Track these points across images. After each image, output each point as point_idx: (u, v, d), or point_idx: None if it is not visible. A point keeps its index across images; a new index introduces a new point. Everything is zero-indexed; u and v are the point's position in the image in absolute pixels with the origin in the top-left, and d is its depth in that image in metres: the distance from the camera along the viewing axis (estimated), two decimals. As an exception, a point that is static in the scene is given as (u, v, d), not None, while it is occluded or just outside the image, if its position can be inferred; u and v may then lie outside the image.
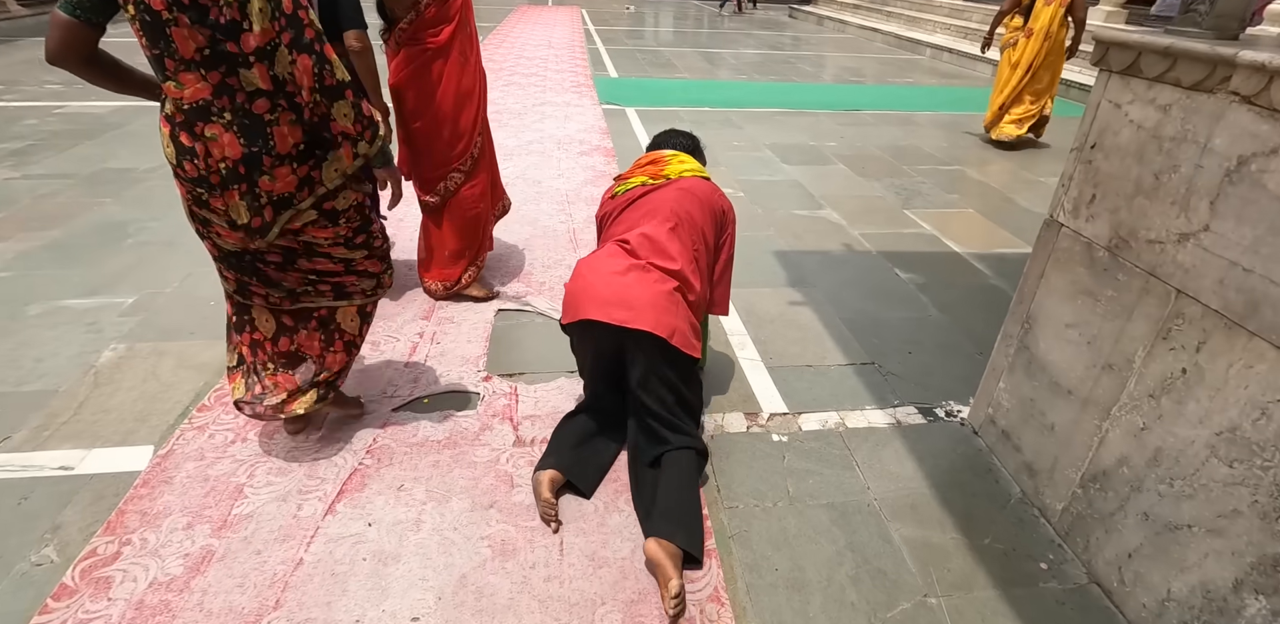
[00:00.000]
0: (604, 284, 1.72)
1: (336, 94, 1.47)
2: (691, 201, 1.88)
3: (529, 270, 3.00)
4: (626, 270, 1.73)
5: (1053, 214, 1.80)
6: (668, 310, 1.69)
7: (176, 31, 1.30)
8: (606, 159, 4.68)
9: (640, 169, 2.01)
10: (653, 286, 1.71)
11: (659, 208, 1.85)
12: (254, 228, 1.48)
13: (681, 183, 1.92)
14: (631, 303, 1.67)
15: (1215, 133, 1.35)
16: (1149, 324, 1.54)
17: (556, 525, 1.65)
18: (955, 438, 2.12)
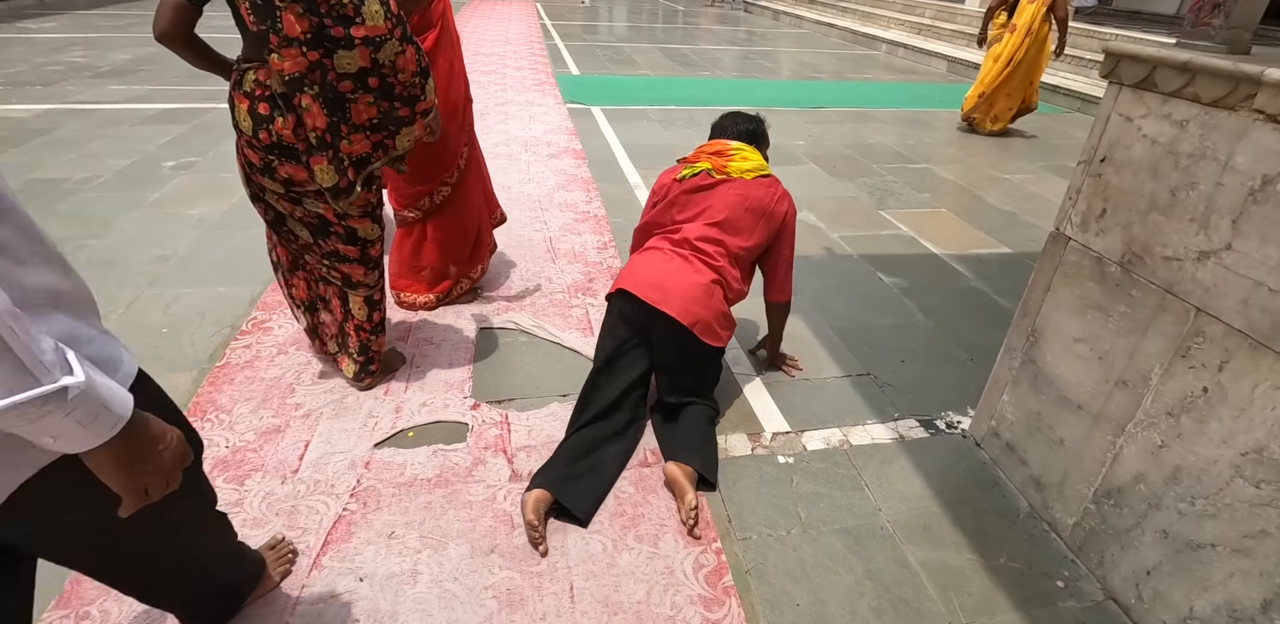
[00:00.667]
0: (649, 266, 1.91)
1: (428, 74, 1.74)
2: (746, 209, 1.96)
3: (508, 285, 2.87)
4: (671, 258, 1.92)
5: (1059, 227, 1.77)
6: (697, 300, 1.84)
7: (285, 15, 1.49)
8: (577, 162, 4.55)
9: (705, 156, 2.04)
10: (690, 277, 1.87)
11: (715, 210, 1.96)
12: (341, 188, 1.68)
13: (740, 186, 1.98)
14: (666, 287, 1.84)
15: (1237, 151, 1.32)
16: (1166, 341, 1.51)
17: (544, 549, 1.61)
18: (958, 451, 2.09)
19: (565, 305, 2.70)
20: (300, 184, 1.69)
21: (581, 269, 3.02)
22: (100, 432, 0.70)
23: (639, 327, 1.88)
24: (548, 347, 2.42)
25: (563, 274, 2.96)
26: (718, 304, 1.88)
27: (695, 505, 1.66)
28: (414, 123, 1.74)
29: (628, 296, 1.86)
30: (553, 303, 2.72)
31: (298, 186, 1.70)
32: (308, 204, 1.77)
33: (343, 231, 1.82)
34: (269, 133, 1.61)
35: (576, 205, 3.77)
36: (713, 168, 1.99)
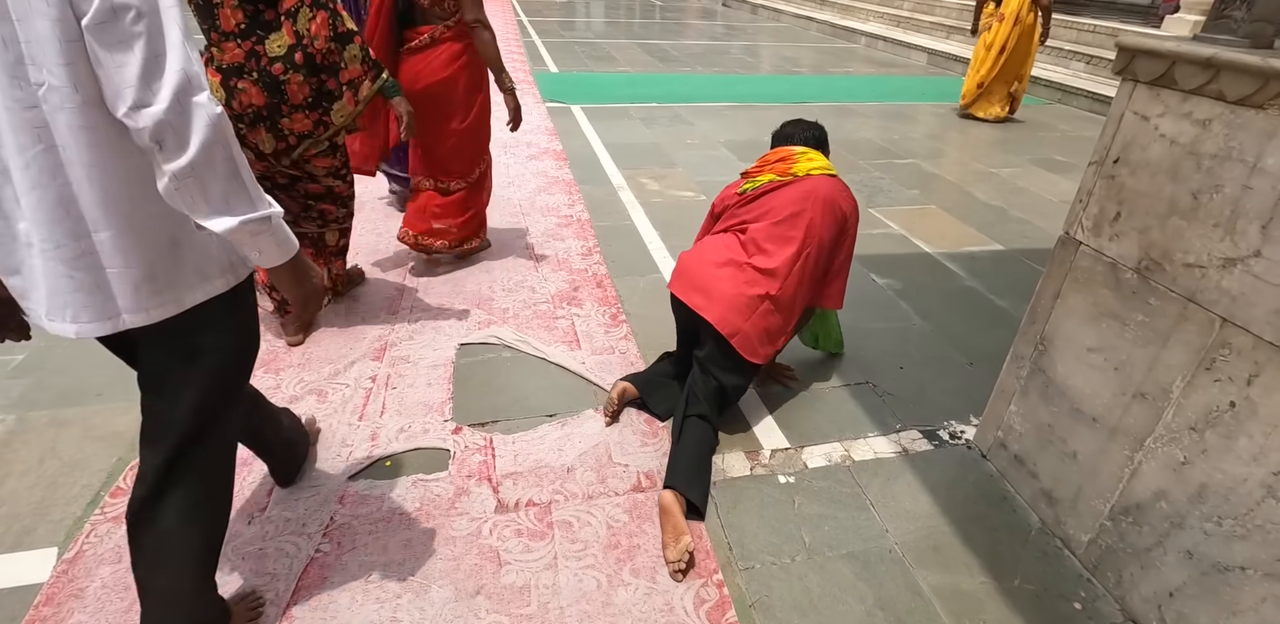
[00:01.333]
0: (699, 269, 1.93)
1: (347, 39, 1.93)
2: (814, 202, 1.90)
3: (488, 295, 2.74)
4: (724, 264, 1.89)
5: (1069, 231, 1.68)
6: (740, 312, 1.84)
7: (222, 12, 1.76)
8: (558, 163, 4.41)
9: (769, 166, 2.04)
10: (738, 286, 1.85)
11: (780, 207, 1.91)
12: (278, 151, 1.99)
13: (807, 182, 1.95)
14: (710, 293, 1.86)
15: (1267, 152, 1.23)
16: (1189, 353, 1.43)
17: (610, 420, 1.98)
18: (964, 464, 2.01)
19: (550, 317, 2.58)
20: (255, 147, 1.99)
21: (566, 277, 2.90)
22: (287, 252, 0.99)
23: (688, 326, 2.00)
24: (533, 363, 2.30)
25: (546, 283, 2.84)
26: (761, 318, 1.85)
27: (690, 549, 1.55)
28: (342, 96, 1.99)
29: (677, 299, 1.94)
30: (536, 314, 2.60)
31: None
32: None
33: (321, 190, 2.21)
34: (230, 107, 1.88)
35: (559, 209, 3.64)
36: (777, 174, 1.99)
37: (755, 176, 2.03)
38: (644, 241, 3.31)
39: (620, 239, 3.33)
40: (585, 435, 1.94)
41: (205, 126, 0.86)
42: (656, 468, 1.85)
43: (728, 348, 1.84)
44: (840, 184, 2.01)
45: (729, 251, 1.91)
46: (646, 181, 4.16)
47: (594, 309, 2.65)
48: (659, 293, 2.82)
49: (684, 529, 1.59)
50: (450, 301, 2.66)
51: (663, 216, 3.64)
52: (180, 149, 0.85)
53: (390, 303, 2.63)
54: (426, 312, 2.57)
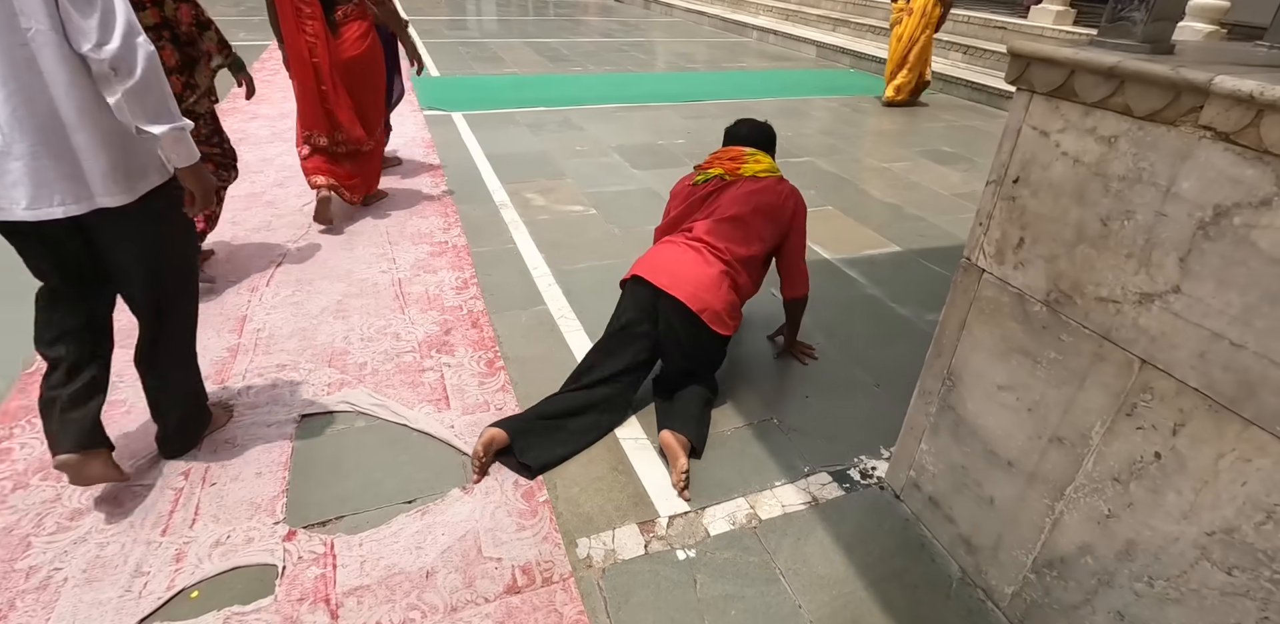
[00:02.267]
0: (662, 256, 2.05)
1: (206, 27, 2.36)
2: (755, 202, 2.08)
3: (343, 348, 2.34)
4: (684, 250, 2.03)
5: (970, 256, 1.51)
6: (706, 288, 1.95)
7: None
8: (434, 180, 4.01)
9: (720, 162, 2.18)
10: (700, 267, 1.98)
11: (727, 206, 2.08)
12: None
13: (750, 183, 2.12)
14: (678, 273, 1.97)
15: (1181, 174, 1.07)
16: (1107, 396, 1.28)
17: (479, 477, 1.78)
18: (878, 508, 1.83)
19: (415, 370, 2.23)
20: None
21: (437, 318, 2.55)
22: (193, 157, 1.42)
23: (649, 311, 1.98)
24: (392, 432, 1.96)
25: (413, 327, 2.48)
26: (726, 294, 1.99)
27: (686, 469, 1.79)
28: (199, 60, 2.35)
29: (641, 281, 2.00)
30: (400, 367, 2.24)
31: None
32: None
33: None
34: None
35: (432, 234, 3.26)
36: (725, 172, 2.14)
37: (706, 169, 2.18)
38: (527, 268, 2.99)
39: (501, 266, 3.00)
40: (450, 524, 1.63)
41: (145, 58, 1.28)
42: (535, 557, 1.57)
43: (696, 326, 1.94)
44: (785, 184, 2.17)
45: (685, 242, 2.06)
46: (532, 196, 3.84)
47: (468, 356, 2.32)
48: (542, 329, 2.53)
49: (680, 454, 1.81)
50: (295, 359, 2.25)
51: (548, 236, 3.34)
52: (129, 74, 1.26)
53: (219, 368, 2.20)
54: (263, 375, 2.16)
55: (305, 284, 2.72)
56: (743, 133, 2.29)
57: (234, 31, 8.93)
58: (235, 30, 9.06)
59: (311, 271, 2.84)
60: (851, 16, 10.30)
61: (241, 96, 2.77)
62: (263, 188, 3.75)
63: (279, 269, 2.84)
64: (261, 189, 3.73)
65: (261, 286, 2.69)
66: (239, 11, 10.89)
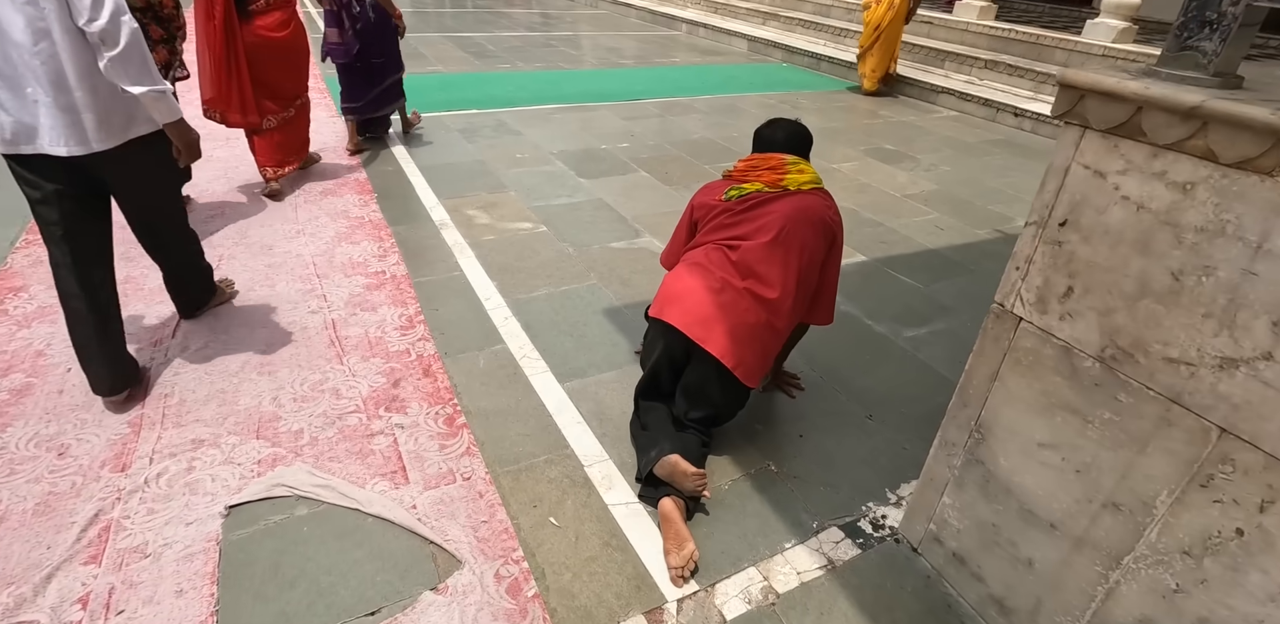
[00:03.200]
0: (696, 297, 1.79)
1: (179, 7, 2.85)
2: (806, 223, 1.84)
3: (272, 412, 2.00)
4: (722, 290, 1.79)
5: (1004, 302, 1.36)
6: (742, 342, 1.77)
7: None
8: (362, 198, 3.62)
9: (758, 174, 1.93)
10: (740, 316, 1.78)
11: (771, 225, 1.82)
12: None
13: (799, 199, 1.87)
14: (711, 324, 1.76)
15: (1276, 230, 0.94)
16: (1176, 464, 1.15)
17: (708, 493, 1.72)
18: (897, 566, 1.69)
19: (363, 435, 1.93)
20: None
21: (381, 366, 2.24)
22: (175, 115, 1.77)
23: (675, 358, 1.85)
24: (342, 520, 1.66)
25: (355, 380, 2.16)
26: (760, 347, 1.81)
27: (693, 556, 1.58)
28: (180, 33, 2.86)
29: (670, 328, 1.79)
30: (343, 433, 1.93)
31: None
32: None
33: None
34: None
35: (366, 263, 2.90)
36: (767, 185, 1.89)
37: (742, 183, 1.93)
38: (479, 298, 2.70)
39: (449, 298, 2.70)
40: (424, 640, 1.37)
41: (128, 33, 1.63)
42: (531, 673, 1.33)
43: (727, 378, 1.78)
44: (829, 199, 1.95)
45: (722, 274, 1.81)
46: (474, 213, 3.52)
47: (423, 413, 2.03)
48: (504, 374, 2.26)
49: (687, 536, 1.60)
50: (214, 432, 1.90)
51: (498, 259, 3.05)
52: (115, 44, 1.61)
53: (118, 449, 1.83)
54: (176, 456, 1.81)
55: (219, 333, 2.35)
56: (779, 138, 2.02)
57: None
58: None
59: (226, 316, 2.46)
60: (781, 10, 10.26)
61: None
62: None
63: (187, 315, 2.45)
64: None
65: (165, 339, 2.30)
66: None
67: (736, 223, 1.87)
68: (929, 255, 3.46)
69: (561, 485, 1.81)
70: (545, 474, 1.85)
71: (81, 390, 2.02)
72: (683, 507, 1.67)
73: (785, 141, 2.02)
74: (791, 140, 2.02)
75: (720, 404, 1.86)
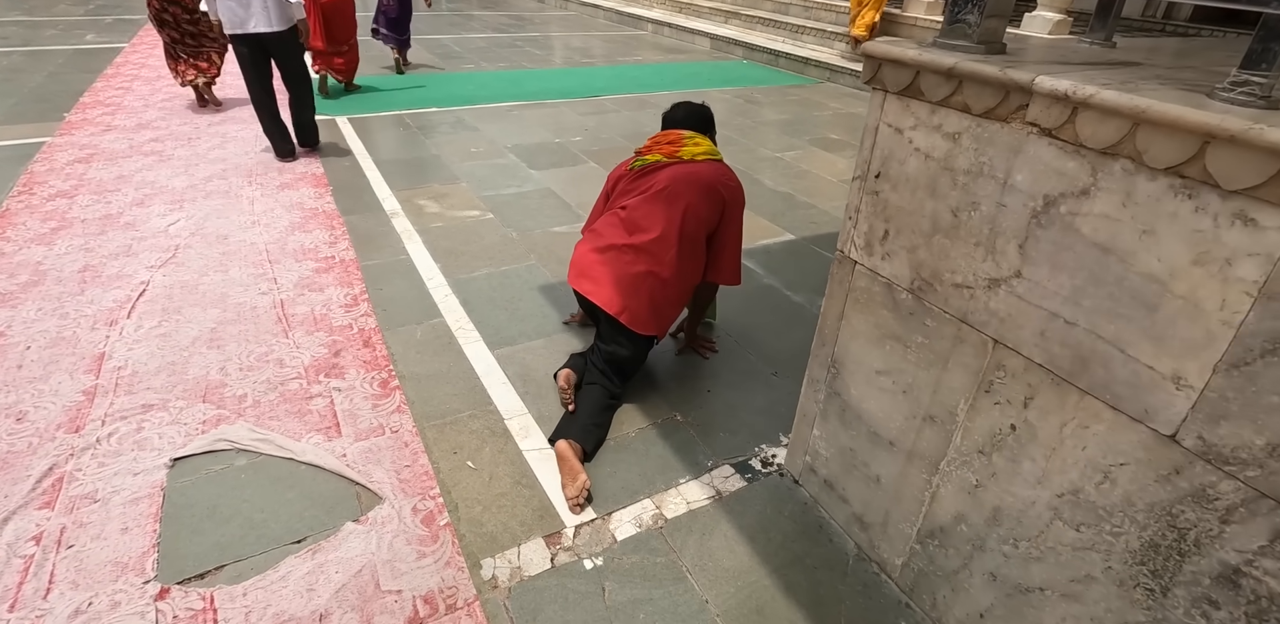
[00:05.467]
0: (586, 260, 2.08)
1: None
2: (691, 181, 2.04)
3: (219, 380, 2.17)
4: (605, 249, 2.05)
5: (843, 249, 1.56)
6: (627, 292, 1.99)
7: None
8: (318, 190, 3.78)
9: (659, 147, 2.16)
10: (623, 268, 2.01)
11: (657, 184, 2.06)
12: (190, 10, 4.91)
13: (690, 166, 2.09)
14: (597, 279, 2.02)
15: (1015, 168, 1.14)
16: (968, 375, 1.36)
17: (574, 407, 2.02)
18: (779, 495, 1.89)
19: (302, 397, 2.10)
20: None
21: (324, 339, 2.41)
22: (301, 13, 3.94)
23: (588, 307, 2.12)
24: (277, 468, 1.83)
25: (299, 351, 2.34)
26: (647, 295, 2.01)
27: (585, 485, 1.77)
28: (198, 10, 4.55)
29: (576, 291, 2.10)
30: (284, 396, 2.10)
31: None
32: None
33: None
34: None
35: (317, 250, 3.08)
36: (664, 155, 2.12)
37: (645, 155, 2.16)
38: (422, 279, 2.88)
39: (394, 279, 2.88)
40: (344, 561, 1.55)
41: None
42: (437, 585, 1.52)
43: (619, 324, 2.00)
44: (723, 168, 2.14)
45: (610, 236, 2.06)
46: (425, 203, 3.70)
47: (359, 378, 2.21)
48: (439, 344, 2.44)
49: (579, 470, 1.80)
50: (163, 397, 2.07)
51: (444, 244, 3.23)
52: None
53: (73, 414, 1.99)
54: (126, 418, 1.98)
55: (173, 313, 2.51)
56: (679, 116, 2.28)
57: (81, 33, 8.16)
58: (83, 32, 8.27)
59: (180, 298, 2.62)
60: (742, 9, 10.50)
61: (90, 107, 2.54)
62: (120, 208, 3.43)
63: (142, 298, 2.60)
64: (119, 209, 3.41)
65: (121, 319, 2.46)
66: (87, 11, 9.95)
67: (633, 189, 2.11)
68: (855, 233, 3.67)
69: (481, 435, 2.00)
70: (468, 427, 2.03)
71: (39, 365, 2.18)
72: (577, 449, 1.87)
73: (684, 119, 2.26)
74: (690, 119, 2.26)
75: (624, 355, 2.06)
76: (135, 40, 7.92)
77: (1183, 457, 1.06)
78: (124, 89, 5.67)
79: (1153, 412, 1.07)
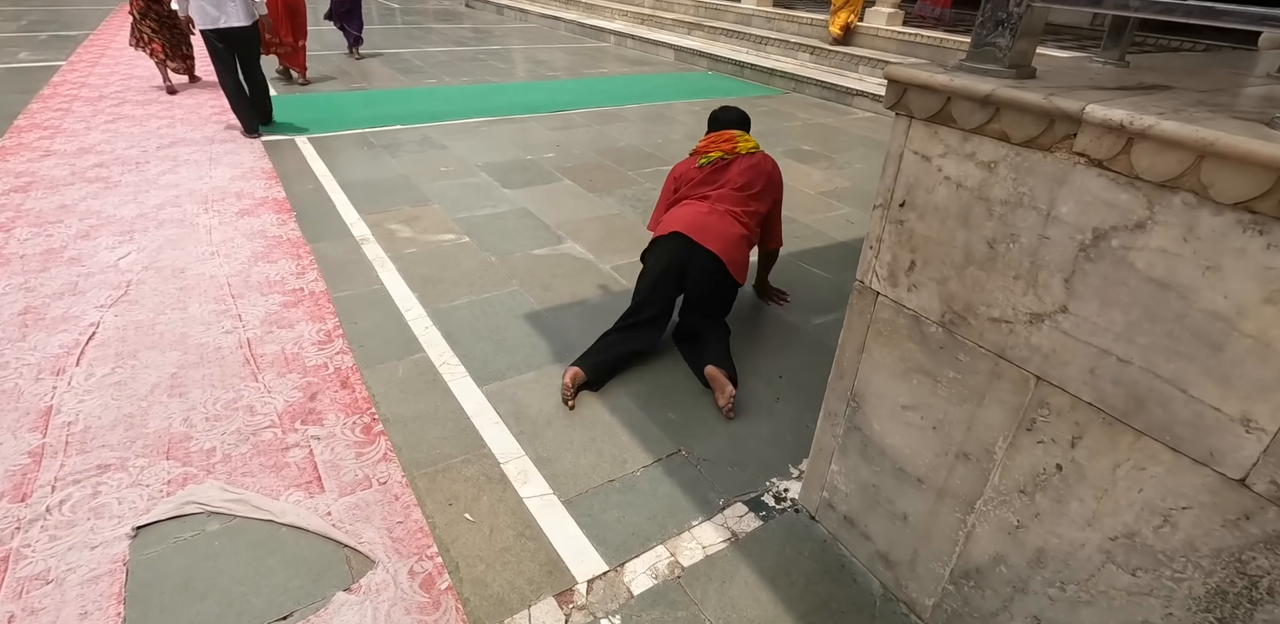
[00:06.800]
0: (692, 216, 2.43)
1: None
2: (757, 173, 2.56)
3: (183, 432, 1.98)
4: (710, 212, 2.45)
5: (864, 279, 1.49)
6: (733, 244, 2.41)
7: None
8: (280, 217, 3.58)
9: (716, 145, 2.62)
10: (727, 227, 2.42)
11: (735, 178, 2.53)
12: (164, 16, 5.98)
13: (751, 159, 2.59)
14: (709, 231, 2.39)
15: (1059, 199, 1.08)
16: (1006, 412, 1.29)
17: (572, 405, 2.22)
18: (796, 533, 1.80)
19: (278, 449, 1.94)
20: None
21: (298, 381, 2.24)
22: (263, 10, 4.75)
23: (680, 261, 2.39)
24: (255, 532, 1.67)
25: (271, 396, 2.17)
26: (744, 250, 2.47)
27: (734, 394, 2.21)
28: None
29: (678, 235, 2.40)
30: (257, 448, 1.94)
31: None
32: None
33: None
34: None
35: (284, 281, 2.89)
36: (725, 152, 2.58)
37: (708, 152, 2.61)
38: (399, 310, 2.73)
39: (369, 311, 2.72)
40: (337, 636, 1.41)
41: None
42: (444, 658, 1.38)
43: (720, 274, 2.40)
44: (769, 158, 2.66)
45: (709, 205, 2.48)
46: (396, 227, 3.54)
47: (339, 424, 2.05)
48: (423, 381, 2.30)
49: (728, 384, 2.21)
50: (121, 456, 1.88)
51: (420, 271, 3.08)
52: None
53: (17, 480, 1.78)
54: (80, 482, 1.78)
55: (128, 358, 2.31)
56: (729, 117, 2.77)
57: (14, 51, 7.75)
58: (16, 50, 7.86)
59: (135, 341, 2.42)
60: (705, 20, 10.55)
61: (26, 130, 2.34)
62: (63, 242, 3.18)
63: (91, 342, 2.39)
64: (62, 243, 3.16)
65: (69, 367, 2.25)
66: (19, 27, 9.49)
67: (708, 181, 2.56)
68: (839, 247, 3.64)
69: (477, 483, 1.87)
70: (462, 473, 1.90)
71: (-21, 422, 1.97)
72: (724, 372, 2.23)
73: (732, 120, 2.76)
74: (737, 120, 2.77)
75: (717, 299, 2.46)
76: (73, 58, 7.56)
77: (1253, 502, 1.00)
78: (63, 110, 5.37)
79: (1219, 454, 1.01)
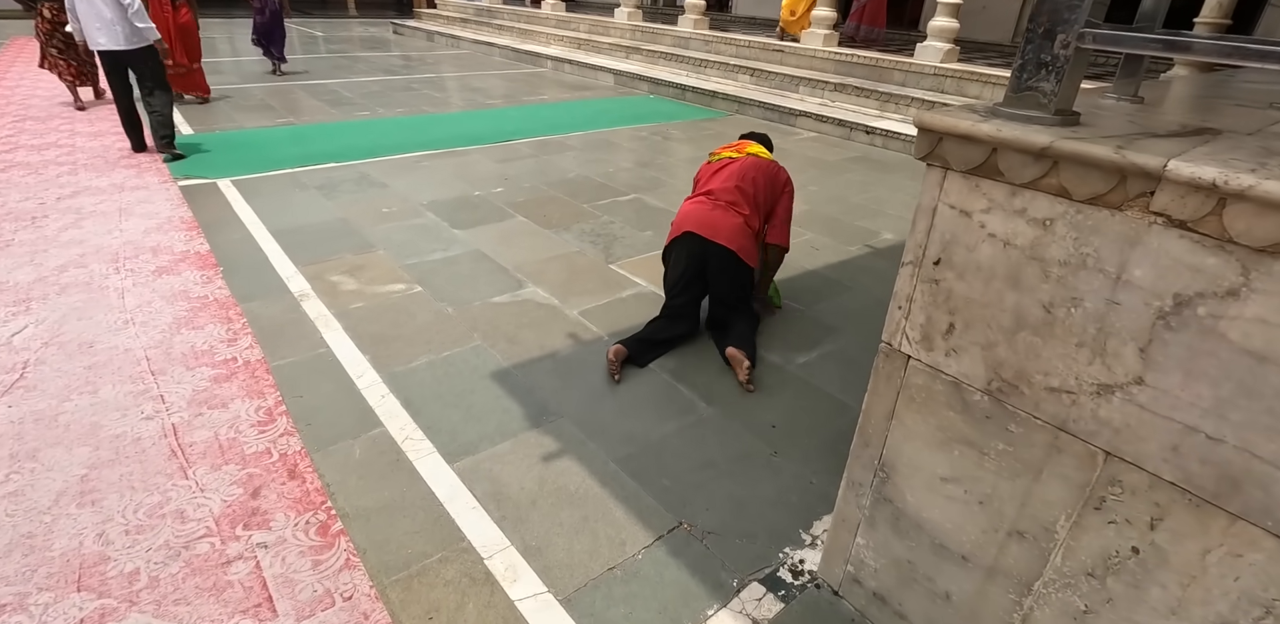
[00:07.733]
0: (700, 213, 2.71)
1: None
2: (755, 169, 2.82)
3: (98, 552, 1.65)
4: (713, 208, 2.71)
5: (892, 341, 1.34)
6: (739, 233, 2.67)
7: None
8: (205, 273, 3.22)
9: (728, 148, 3.00)
10: (729, 218, 2.68)
11: (733, 173, 2.80)
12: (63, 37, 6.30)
13: (752, 159, 2.87)
14: (716, 226, 2.66)
15: (1131, 261, 0.95)
16: (1069, 489, 1.16)
17: (619, 377, 2.55)
18: (821, 613, 1.64)
19: (217, 564, 1.64)
20: None
21: (237, 474, 1.94)
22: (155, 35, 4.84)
23: (698, 258, 2.67)
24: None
25: (205, 496, 1.86)
26: (750, 237, 2.71)
27: (749, 367, 2.51)
28: None
29: (691, 235, 2.66)
30: (191, 566, 1.63)
31: None
32: None
33: None
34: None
35: (213, 351, 2.57)
36: (734, 152, 2.93)
37: (720, 153, 2.98)
38: (350, 378, 2.45)
39: (315, 381, 2.42)
40: None
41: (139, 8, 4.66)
42: None
43: (734, 263, 2.65)
44: (775, 163, 2.94)
45: (710, 201, 2.74)
46: (339, 279, 3.24)
47: (289, 525, 1.77)
48: (385, 462, 2.04)
49: (745, 360, 2.52)
50: (19, 591, 1.53)
51: (370, 329, 2.80)
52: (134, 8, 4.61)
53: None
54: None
55: (25, 460, 1.96)
56: (753, 134, 3.15)
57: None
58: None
59: (35, 437, 2.06)
60: (642, 44, 10.56)
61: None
62: (-50, 312, 2.78)
63: (-18, 440, 2.04)
64: (-52, 314, 2.77)
65: (-46, 476, 1.90)
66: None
67: (712, 177, 2.85)
68: (808, 276, 3.55)
69: (460, 587, 1.62)
70: (441, 576, 1.65)
71: None
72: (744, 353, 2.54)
73: (757, 136, 3.12)
74: (761, 137, 3.14)
75: (737, 287, 2.71)
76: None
77: (1377, 596, 0.88)
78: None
79: (1334, 544, 0.89)
